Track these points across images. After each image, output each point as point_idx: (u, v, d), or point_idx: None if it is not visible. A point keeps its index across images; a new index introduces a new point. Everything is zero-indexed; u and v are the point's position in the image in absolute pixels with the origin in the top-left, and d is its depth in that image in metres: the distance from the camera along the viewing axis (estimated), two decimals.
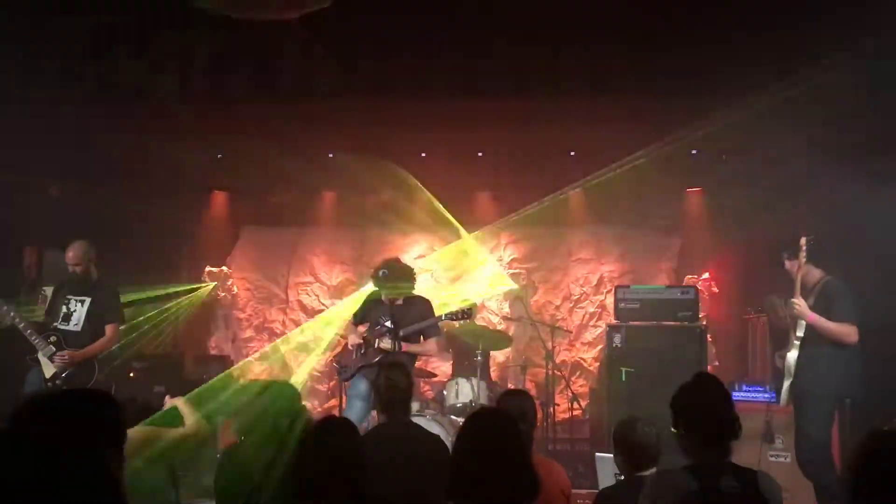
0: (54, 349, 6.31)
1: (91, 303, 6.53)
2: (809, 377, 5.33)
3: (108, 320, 6.59)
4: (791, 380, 5.41)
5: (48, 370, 6.31)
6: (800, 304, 5.33)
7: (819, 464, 5.14)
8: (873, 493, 2.29)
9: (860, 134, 6.53)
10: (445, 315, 6.59)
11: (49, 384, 6.25)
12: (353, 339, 6.47)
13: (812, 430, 5.27)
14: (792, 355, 5.41)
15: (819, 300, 5.37)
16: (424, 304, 6.53)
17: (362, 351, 6.37)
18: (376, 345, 6.27)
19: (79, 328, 6.48)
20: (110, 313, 6.64)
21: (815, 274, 5.47)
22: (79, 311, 6.52)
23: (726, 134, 7.76)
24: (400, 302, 6.37)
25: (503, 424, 2.78)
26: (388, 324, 6.31)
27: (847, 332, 5.27)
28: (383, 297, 6.42)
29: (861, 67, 5.82)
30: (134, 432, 3.60)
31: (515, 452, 2.68)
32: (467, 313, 6.65)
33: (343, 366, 6.57)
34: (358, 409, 6.20)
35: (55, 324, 6.45)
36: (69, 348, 6.35)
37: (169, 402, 3.99)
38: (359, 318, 6.69)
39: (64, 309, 6.50)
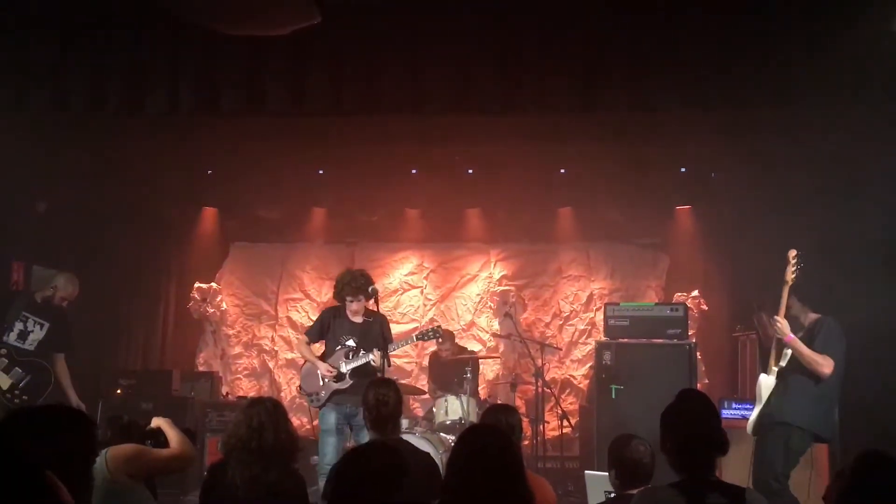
0: (6, 361, 6.43)
1: (50, 329, 6.71)
2: (780, 405, 5.27)
3: (62, 349, 6.80)
4: (761, 407, 5.36)
5: (4, 383, 6.46)
6: (782, 322, 5.29)
7: (776, 495, 4.96)
8: None
9: (851, 150, 6.57)
10: (416, 336, 6.59)
11: (9, 395, 6.36)
12: (322, 370, 6.31)
13: (774, 457, 5.15)
14: (767, 381, 5.38)
15: (807, 333, 5.32)
16: (384, 321, 6.45)
17: (331, 377, 6.27)
18: (342, 367, 6.22)
19: (33, 348, 6.65)
20: (65, 342, 6.84)
21: (812, 316, 5.42)
22: (37, 332, 6.68)
23: (716, 151, 7.83)
24: (360, 319, 6.33)
25: (498, 439, 2.77)
26: (350, 342, 6.27)
27: (823, 362, 5.18)
28: (348, 314, 6.35)
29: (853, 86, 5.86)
30: (120, 449, 3.58)
31: (511, 467, 2.68)
32: (437, 332, 6.64)
33: (310, 393, 6.42)
34: (331, 447, 6.08)
35: (4, 338, 6.57)
36: (20, 359, 6.52)
37: (154, 421, 3.95)
38: (315, 335, 6.58)
39: (20, 326, 6.64)
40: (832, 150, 6.79)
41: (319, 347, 6.64)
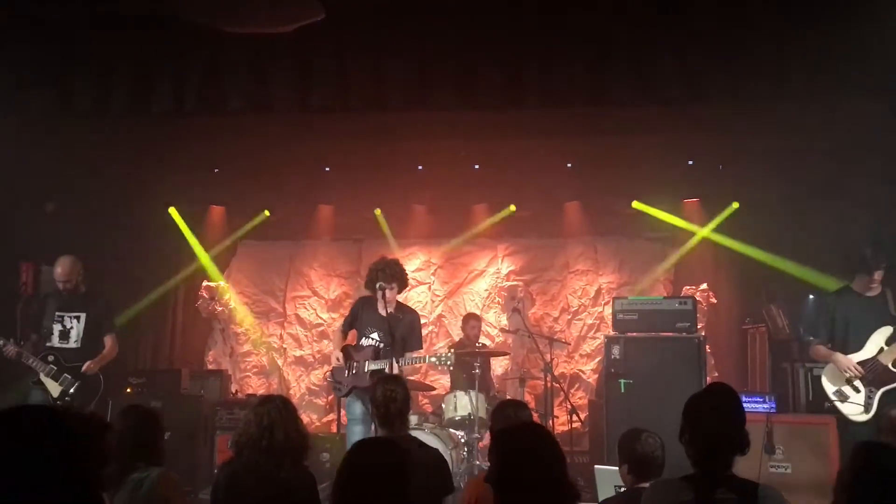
0: (55, 368, 6.32)
1: (87, 317, 6.56)
2: None
3: (106, 331, 6.67)
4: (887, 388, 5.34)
5: (55, 390, 6.31)
6: None
7: None
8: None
9: (859, 141, 6.54)
10: (432, 359, 6.51)
11: (59, 403, 6.25)
12: (336, 358, 6.32)
13: None
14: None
15: None
16: (415, 319, 6.47)
17: (353, 371, 6.26)
18: (366, 367, 6.17)
19: (78, 344, 6.52)
20: (108, 325, 6.73)
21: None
22: (76, 327, 6.53)
23: (723, 144, 7.81)
24: (391, 311, 6.27)
25: (542, 434, 2.76)
26: (374, 336, 6.24)
27: None
28: (377, 305, 6.30)
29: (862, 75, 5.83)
30: (170, 483, 3.60)
31: (557, 461, 2.67)
32: (450, 359, 6.43)
33: (338, 381, 6.43)
34: (358, 435, 6.05)
35: (48, 343, 6.46)
36: (69, 365, 6.37)
37: None
38: (347, 326, 6.57)
39: (59, 327, 6.49)
40: (836, 144, 6.76)
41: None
